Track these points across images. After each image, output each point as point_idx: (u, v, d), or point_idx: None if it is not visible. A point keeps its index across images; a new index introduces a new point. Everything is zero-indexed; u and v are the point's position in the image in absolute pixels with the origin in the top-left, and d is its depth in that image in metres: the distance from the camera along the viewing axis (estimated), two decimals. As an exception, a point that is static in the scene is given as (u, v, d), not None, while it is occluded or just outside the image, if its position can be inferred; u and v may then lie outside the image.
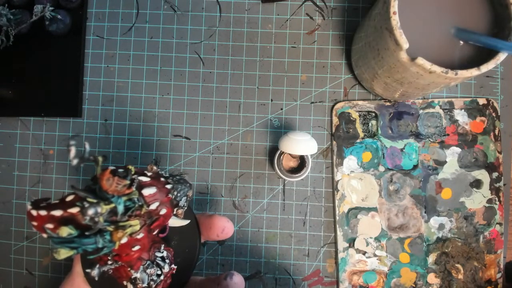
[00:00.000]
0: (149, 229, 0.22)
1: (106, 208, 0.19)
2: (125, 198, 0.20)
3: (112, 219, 0.19)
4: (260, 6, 0.42)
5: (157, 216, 0.22)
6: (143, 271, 0.24)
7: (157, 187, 0.22)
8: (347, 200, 0.40)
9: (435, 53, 0.30)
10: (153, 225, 0.22)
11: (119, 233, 0.19)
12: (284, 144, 0.35)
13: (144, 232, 0.22)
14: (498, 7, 0.30)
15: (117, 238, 0.19)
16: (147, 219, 0.21)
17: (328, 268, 0.40)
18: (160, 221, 0.22)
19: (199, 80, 0.41)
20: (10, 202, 0.41)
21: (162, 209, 0.22)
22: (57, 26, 0.40)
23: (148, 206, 0.21)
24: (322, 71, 0.41)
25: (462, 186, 0.40)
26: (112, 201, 0.19)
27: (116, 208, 0.19)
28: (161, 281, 0.24)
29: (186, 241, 0.27)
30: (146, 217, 0.21)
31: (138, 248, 0.22)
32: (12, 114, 0.41)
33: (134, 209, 0.20)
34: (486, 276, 0.39)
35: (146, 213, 0.21)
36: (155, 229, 0.23)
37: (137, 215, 0.21)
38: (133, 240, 0.21)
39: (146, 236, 0.22)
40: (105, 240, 0.19)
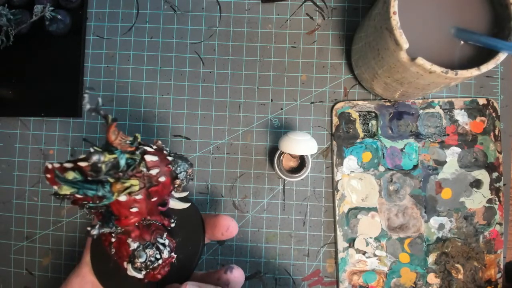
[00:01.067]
0: (148, 193, 0.23)
1: (108, 157, 0.20)
2: (127, 155, 0.22)
3: (115, 175, 0.21)
4: (260, 6, 0.42)
5: (156, 182, 0.23)
6: (142, 249, 0.25)
7: (159, 157, 0.23)
8: (347, 200, 0.40)
9: (435, 53, 0.30)
10: (151, 188, 0.23)
11: (118, 185, 0.21)
12: (284, 144, 0.35)
13: (142, 195, 0.23)
14: (498, 7, 0.30)
15: (116, 189, 0.21)
16: (147, 183, 0.23)
17: (328, 268, 0.40)
18: (159, 188, 0.23)
19: (199, 80, 0.41)
20: (10, 202, 0.41)
21: (162, 177, 0.23)
22: (57, 26, 0.40)
23: (149, 170, 0.22)
24: (322, 71, 0.41)
25: (462, 186, 0.40)
26: (115, 153, 0.21)
27: (118, 161, 0.21)
28: (159, 265, 0.25)
29: (190, 238, 0.27)
30: (146, 180, 0.23)
31: (136, 211, 0.23)
32: (12, 114, 0.41)
33: (134, 166, 0.22)
34: (486, 276, 0.39)
35: (147, 176, 0.22)
36: (153, 196, 0.23)
37: (137, 175, 0.22)
38: (131, 200, 0.22)
39: (145, 200, 0.23)
40: (105, 189, 0.21)
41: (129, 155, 0.22)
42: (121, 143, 0.22)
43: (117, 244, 0.25)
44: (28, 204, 0.41)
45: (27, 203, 0.41)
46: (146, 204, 0.23)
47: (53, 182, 0.21)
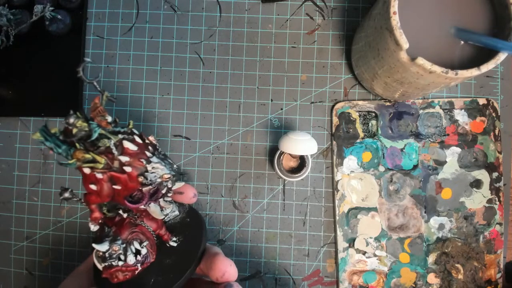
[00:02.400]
0: (111, 177, 0.23)
1: (81, 123, 0.21)
2: (103, 131, 0.22)
3: (88, 147, 0.22)
4: (260, 6, 0.42)
5: (121, 170, 0.23)
6: (109, 241, 0.25)
7: (140, 149, 0.23)
8: (347, 200, 0.40)
9: (435, 53, 0.30)
10: (114, 173, 0.23)
11: (79, 153, 0.21)
12: (284, 144, 0.35)
13: (104, 176, 0.23)
14: (498, 7, 0.30)
15: (76, 156, 0.21)
16: (114, 167, 0.23)
17: (328, 268, 0.40)
18: (122, 176, 0.23)
19: (199, 80, 0.41)
20: (10, 202, 0.41)
21: (128, 167, 0.23)
22: (57, 26, 0.40)
23: (120, 155, 0.23)
24: (322, 71, 0.41)
25: (462, 186, 0.40)
26: (90, 123, 0.22)
27: (91, 132, 0.21)
28: (116, 266, 0.25)
29: (180, 265, 0.27)
30: (114, 165, 0.23)
31: (95, 189, 0.23)
32: (12, 114, 0.41)
33: (105, 144, 0.22)
34: (486, 276, 0.39)
35: (116, 161, 0.23)
36: (116, 183, 0.23)
37: (108, 156, 0.22)
38: (93, 176, 0.23)
39: (106, 181, 0.23)
40: (68, 152, 0.21)
41: (106, 132, 0.22)
42: (97, 116, 0.22)
43: (100, 225, 0.25)
44: (28, 204, 0.41)
45: (27, 203, 0.41)
46: (107, 187, 0.23)
47: None
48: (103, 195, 0.23)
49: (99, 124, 0.22)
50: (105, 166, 0.22)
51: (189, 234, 0.28)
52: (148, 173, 0.23)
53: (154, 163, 0.24)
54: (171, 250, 0.27)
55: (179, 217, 0.30)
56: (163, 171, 0.24)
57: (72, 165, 0.22)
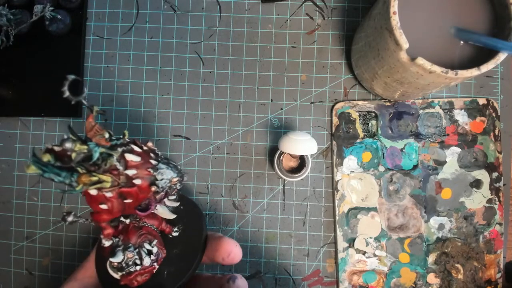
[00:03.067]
0: (120, 193, 0.22)
1: (79, 147, 0.20)
2: (103, 149, 0.21)
3: (89, 167, 0.21)
4: (260, 6, 0.42)
5: (131, 184, 0.22)
6: (122, 250, 0.24)
7: (143, 159, 0.23)
8: (347, 200, 0.40)
9: (435, 53, 0.30)
10: (124, 189, 0.22)
11: (84, 177, 0.20)
12: (284, 144, 0.35)
13: (113, 194, 0.22)
14: (498, 7, 0.30)
15: (82, 181, 0.20)
16: (122, 182, 0.22)
17: (328, 268, 0.40)
18: (133, 190, 0.22)
19: (199, 80, 0.41)
20: (10, 202, 0.41)
21: (137, 180, 0.22)
22: (57, 26, 0.40)
23: (125, 169, 0.22)
24: (322, 71, 0.41)
25: (462, 186, 0.40)
26: (88, 145, 0.21)
27: (91, 154, 0.21)
28: (135, 271, 0.25)
29: (187, 253, 0.27)
30: (121, 180, 0.22)
31: (105, 208, 0.22)
32: (12, 114, 0.41)
33: (108, 162, 0.21)
34: (486, 276, 0.39)
35: (122, 176, 0.22)
36: (127, 197, 0.23)
37: (113, 172, 0.22)
38: (102, 196, 0.22)
39: (116, 199, 0.22)
40: (72, 178, 0.20)
41: (106, 150, 0.21)
42: (95, 135, 0.22)
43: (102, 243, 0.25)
44: (28, 204, 0.41)
45: (27, 203, 0.41)
46: (118, 203, 0.23)
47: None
48: (115, 212, 0.23)
49: (98, 143, 0.21)
50: (113, 183, 0.22)
51: (188, 221, 0.28)
52: (158, 180, 0.23)
53: (161, 170, 0.23)
54: (175, 240, 0.27)
55: (171, 207, 0.30)
56: (171, 174, 0.24)
57: (78, 191, 0.21)
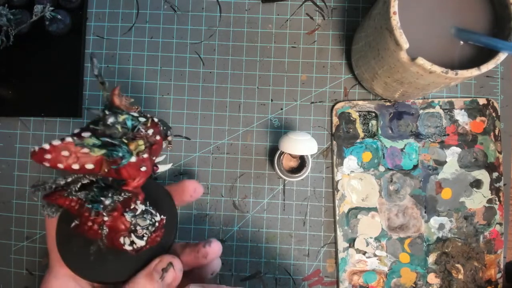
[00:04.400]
0: (151, 151, 0.24)
1: (122, 117, 0.22)
2: (130, 117, 0.23)
3: (127, 136, 0.22)
4: (260, 6, 0.42)
5: (154, 141, 0.24)
6: (140, 215, 0.25)
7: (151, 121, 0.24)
8: (347, 200, 0.40)
9: (435, 53, 0.30)
10: (153, 147, 0.24)
11: (133, 144, 0.22)
12: (284, 144, 0.35)
13: (147, 153, 0.23)
14: (498, 7, 0.30)
15: (133, 147, 0.22)
16: (147, 142, 0.23)
17: (328, 268, 0.40)
18: (157, 145, 0.24)
19: (199, 80, 0.41)
20: (10, 202, 0.41)
21: (157, 136, 0.24)
22: (57, 26, 0.40)
23: (146, 131, 0.23)
24: (322, 71, 0.41)
25: (462, 186, 0.40)
26: (124, 113, 0.22)
27: (126, 123, 0.22)
28: (156, 228, 0.25)
29: (163, 211, 0.27)
30: (147, 142, 0.23)
31: (145, 170, 0.23)
32: (12, 114, 0.41)
33: (138, 126, 0.23)
34: (486, 276, 0.39)
35: (145, 136, 0.23)
36: (154, 154, 0.24)
37: (138, 136, 0.23)
38: (140, 160, 0.23)
39: (149, 158, 0.24)
40: (124, 149, 0.22)
41: (134, 116, 0.23)
42: (126, 104, 0.23)
43: (112, 222, 0.25)
44: (28, 204, 0.41)
45: (27, 203, 0.41)
46: (150, 162, 0.24)
47: (55, 162, 0.21)
48: (150, 171, 0.24)
49: (129, 111, 0.23)
50: (145, 144, 0.23)
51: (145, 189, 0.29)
52: (166, 131, 0.25)
53: (163, 124, 0.25)
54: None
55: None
56: (169, 128, 0.26)
57: (128, 159, 0.22)
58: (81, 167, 0.21)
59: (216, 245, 0.28)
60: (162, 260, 0.26)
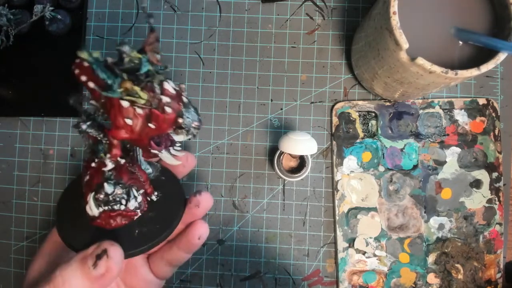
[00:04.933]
0: (149, 114, 0.23)
1: (135, 54, 0.22)
2: (150, 67, 0.22)
3: (133, 78, 0.22)
4: (260, 6, 0.42)
5: (161, 109, 0.23)
6: (113, 184, 0.24)
7: (176, 93, 0.24)
8: (347, 200, 0.40)
9: (435, 53, 0.30)
10: (154, 110, 0.23)
11: (128, 83, 0.22)
12: (284, 144, 0.35)
13: (143, 112, 0.22)
14: (498, 7, 0.30)
15: (124, 86, 0.21)
16: (153, 105, 0.23)
17: (328, 268, 0.40)
18: (161, 115, 0.23)
19: (199, 80, 0.41)
20: (10, 202, 0.41)
21: (168, 108, 0.23)
22: (57, 26, 0.40)
23: (162, 94, 0.23)
24: (322, 71, 0.41)
25: (462, 186, 0.40)
26: (142, 56, 0.22)
27: (141, 65, 0.22)
28: (118, 210, 0.24)
29: (163, 218, 0.27)
30: (153, 103, 0.23)
31: (129, 124, 0.22)
32: (12, 114, 0.41)
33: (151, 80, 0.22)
34: (486, 276, 0.39)
35: (157, 99, 0.22)
36: (152, 121, 0.23)
37: (149, 92, 0.22)
38: (131, 110, 0.22)
39: (142, 119, 0.23)
40: (116, 81, 0.22)
41: (154, 69, 0.23)
42: (151, 50, 0.23)
43: (94, 171, 0.24)
44: (28, 204, 0.41)
45: (27, 203, 0.41)
46: (141, 124, 0.23)
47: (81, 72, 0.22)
48: (135, 131, 0.23)
49: (150, 59, 0.22)
50: (147, 102, 0.22)
51: (167, 191, 0.29)
52: (184, 117, 0.23)
53: (189, 109, 0.24)
54: (152, 204, 0.27)
55: (153, 175, 0.30)
56: (195, 117, 0.24)
57: (115, 95, 0.21)
58: (85, 82, 0.22)
59: (206, 194, 0.29)
60: (99, 246, 0.23)
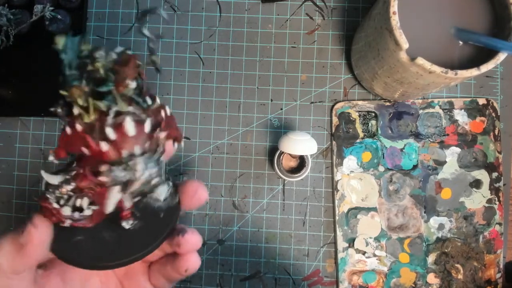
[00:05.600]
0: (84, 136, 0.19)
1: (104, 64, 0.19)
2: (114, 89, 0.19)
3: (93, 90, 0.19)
4: (260, 6, 0.42)
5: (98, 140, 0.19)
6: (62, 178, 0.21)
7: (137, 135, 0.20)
8: (347, 200, 0.40)
9: (435, 53, 0.30)
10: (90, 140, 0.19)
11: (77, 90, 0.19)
12: (284, 144, 0.35)
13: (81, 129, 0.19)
14: (498, 7, 0.30)
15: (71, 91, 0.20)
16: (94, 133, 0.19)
17: (327, 268, 0.40)
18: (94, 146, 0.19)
19: (199, 80, 0.41)
20: (10, 202, 0.41)
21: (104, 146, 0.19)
22: (57, 26, 0.40)
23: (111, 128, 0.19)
24: (322, 71, 0.41)
25: (461, 186, 0.40)
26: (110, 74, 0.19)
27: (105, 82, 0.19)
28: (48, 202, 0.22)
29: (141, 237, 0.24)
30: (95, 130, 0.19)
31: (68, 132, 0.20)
32: (12, 114, 0.41)
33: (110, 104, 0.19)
34: (485, 276, 0.39)
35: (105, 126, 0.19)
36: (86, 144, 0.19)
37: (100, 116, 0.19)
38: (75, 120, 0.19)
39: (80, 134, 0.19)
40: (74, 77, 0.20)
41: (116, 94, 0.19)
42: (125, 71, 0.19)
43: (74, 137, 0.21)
44: (28, 204, 0.41)
45: (27, 203, 0.41)
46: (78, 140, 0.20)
47: None
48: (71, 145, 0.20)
49: (118, 85, 0.19)
50: (88, 125, 0.19)
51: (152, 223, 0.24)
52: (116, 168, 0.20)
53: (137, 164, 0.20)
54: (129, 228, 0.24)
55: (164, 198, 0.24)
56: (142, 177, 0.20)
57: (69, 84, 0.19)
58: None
59: (191, 236, 0.24)
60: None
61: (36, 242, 0.22)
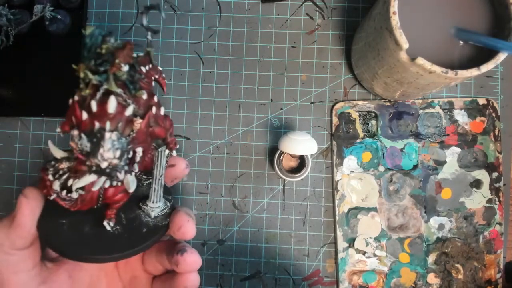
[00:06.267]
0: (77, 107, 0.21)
1: (107, 47, 0.21)
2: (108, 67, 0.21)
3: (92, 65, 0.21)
4: (260, 6, 0.42)
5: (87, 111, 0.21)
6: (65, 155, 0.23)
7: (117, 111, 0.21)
8: (347, 200, 0.40)
9: (435, 53, 0.30)
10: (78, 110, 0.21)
11: (82, 66, 0.21)
12: (284, 144, 0.35)
13: (78, 99, 0.21)
14: (498, 7, 0.30)
15: (79, 67, 0.21)
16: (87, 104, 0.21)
17: (328, 268, 0.40)
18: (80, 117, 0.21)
19: (199, 80, 0.41)
20: (10, 202, 0.41)
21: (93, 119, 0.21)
22: (57, 26, 0.40)
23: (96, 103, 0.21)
24: (322, 71, 0.41)
25: (462, 186, 0.40)
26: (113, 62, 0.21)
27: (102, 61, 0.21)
28: (48, 179, 0.22)
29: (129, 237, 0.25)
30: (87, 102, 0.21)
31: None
32: (12, 114, 0.41)
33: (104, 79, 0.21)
34: (486, 276, 0.39)
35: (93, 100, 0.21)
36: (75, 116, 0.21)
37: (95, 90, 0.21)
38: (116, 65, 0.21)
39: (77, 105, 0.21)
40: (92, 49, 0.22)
41: (109, 73, 0.21)
42: (121, 55, 0.21)
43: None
44: (28, 204, 0.41)
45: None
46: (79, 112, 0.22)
47: None
48: (68, 115, 0.22)
49: (113, 65, 0.21)
50: (82, 98, 0.21)
51: (132, 234, 0.25)
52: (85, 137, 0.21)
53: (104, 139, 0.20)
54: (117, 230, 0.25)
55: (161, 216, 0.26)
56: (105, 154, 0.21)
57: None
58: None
59: (190, 256, 0.24)
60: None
61: (26, 212, 0.23)
